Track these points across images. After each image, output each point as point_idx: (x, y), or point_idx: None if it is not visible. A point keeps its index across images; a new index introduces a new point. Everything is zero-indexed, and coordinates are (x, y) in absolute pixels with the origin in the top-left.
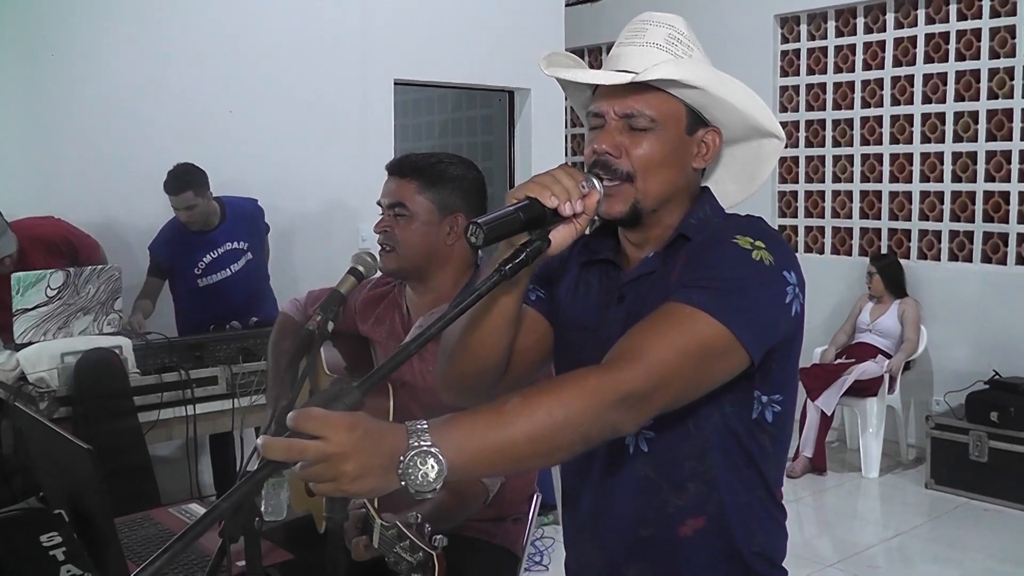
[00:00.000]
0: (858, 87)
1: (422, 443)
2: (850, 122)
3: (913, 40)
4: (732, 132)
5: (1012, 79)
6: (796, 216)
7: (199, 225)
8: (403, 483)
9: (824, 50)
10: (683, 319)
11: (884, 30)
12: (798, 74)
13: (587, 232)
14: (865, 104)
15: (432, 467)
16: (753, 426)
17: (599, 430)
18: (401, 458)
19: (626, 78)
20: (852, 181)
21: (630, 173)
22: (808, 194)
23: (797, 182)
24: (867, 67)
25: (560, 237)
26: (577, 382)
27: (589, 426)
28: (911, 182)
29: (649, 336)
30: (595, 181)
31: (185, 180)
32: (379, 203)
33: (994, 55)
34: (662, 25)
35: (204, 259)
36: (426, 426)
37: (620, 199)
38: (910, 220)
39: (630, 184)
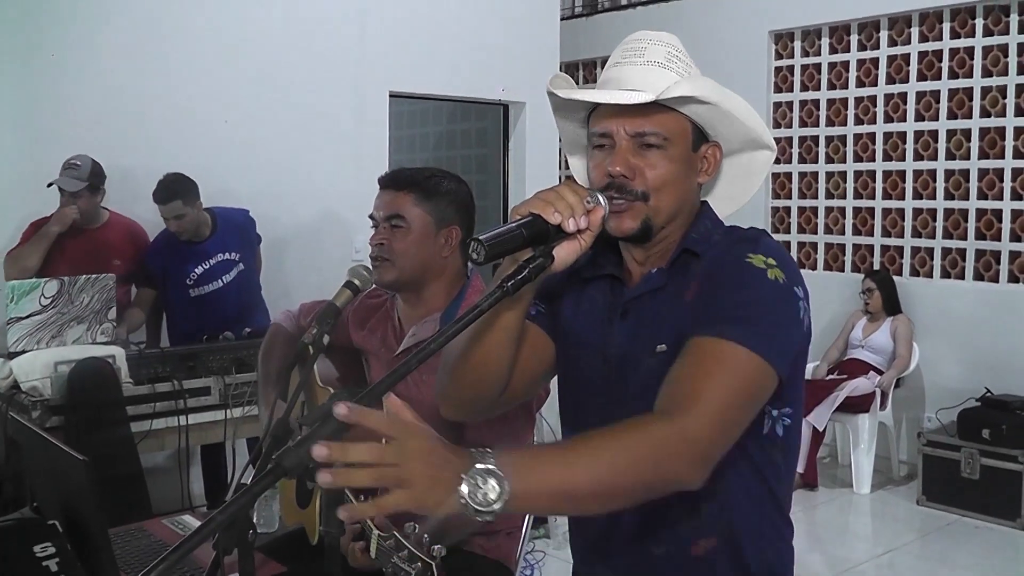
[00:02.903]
0: (851, 104)
1: (488, 463)
2: (843, 139)
3: (906, 58)
4: (729, 146)
5: (1004, 98)
6: (789, 232)
7: (189, 235)
8: (463, 501)
9: (818, 67)
10: (725, 358)
11: (877, 47)
12: (792, 90)
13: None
14: (858, 121)
15: (493, 488)
16: (764, 441)
17: (662, 480)
18: (463, 475)
19: (646, 97)
20: (845, 197)
21: (645, 193)
22: (801, 210)
23: (790, 198)
24: (860, 84)
25: (564, 253)
26: (643, 429)
27: (652, 476)
28: (904, 199)
29: (699, 381)
30: (600, 197)
31: (173, 190)
32: (371, 216)
33: (987, 73)
34: (660, 43)
35: (196, 270)
36: (491, 452)
37: (631, 216)
38: (903, 237)
39: (643, 203)
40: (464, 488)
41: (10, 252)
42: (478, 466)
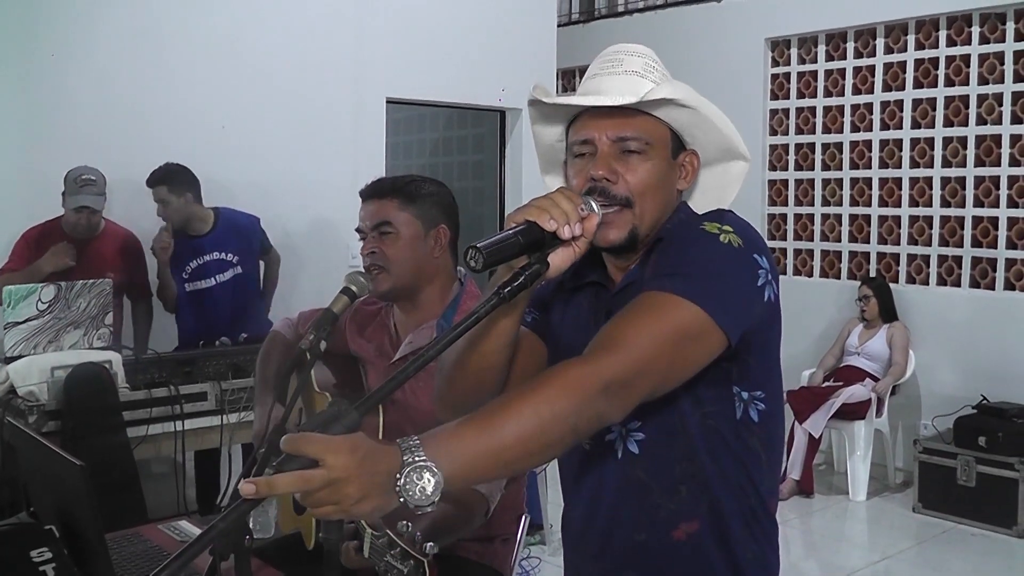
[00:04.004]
0: (848, 111)
1: (416, 458)
2: (839, 146)
3: (903, 65)
4: (705, 155)
5: (1000, 105)
6: (785, 239)
7: (176, 225)
8: (402, 499)
9: (814, 74)
10: (657, 305)
11: (874, 55)
12: (788, 97)
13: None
14: (855, 128)
15: (429, 481)
16: (739, 427)
17: (587, 421)
18: (397, 476)
19: (630, 99)
20: (841, 205)
21: (628, 198)
22: (797, 217)
23: (786, 205)
24: (857, 91)
25: (559, 260)
26: (559, 377)
27: (576, 419)
28: (900, 206)
29: (626, 324)
30: (593, 204)
31: (161, 175)
32: (358, 229)
33: (983, 81)
34: (637, 55)
35: (191, 264)
36: (418, 441)
37: (618, 226)
38: (899, 244)
39: (629, 210)
40: (400, 489)
41: (1, 274)
42: (408, 463)
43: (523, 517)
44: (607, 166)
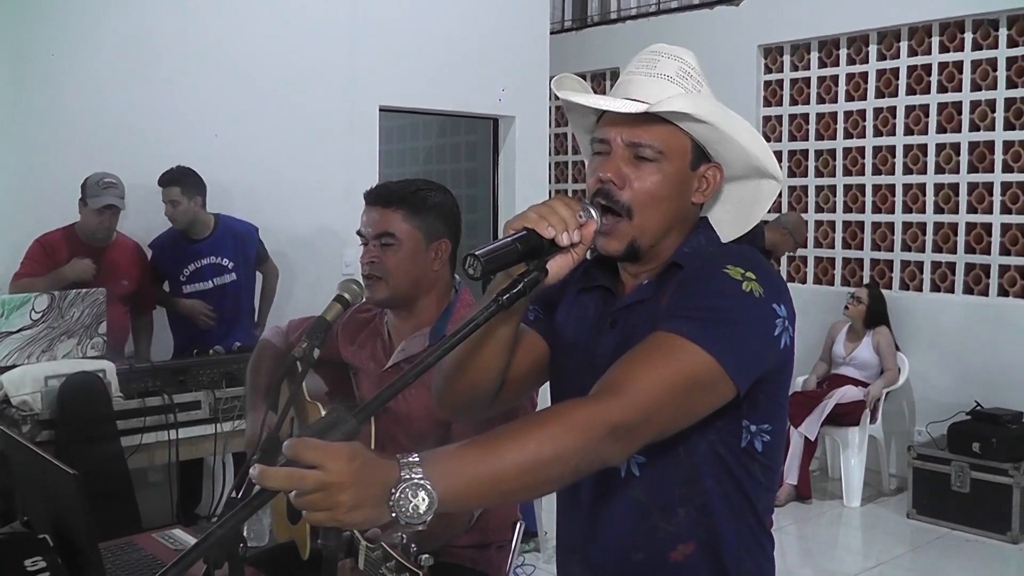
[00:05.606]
0: (841, 118)
1: (413, 476)
2: (833, 152)
3: (896, 72)
4: (732, 170)
5: (993, 111)
6: None
7: (182, 226)
8: (394, 515)
9: (807, 81)
10: (671, 350)
11: (867, 61)
12: (781, 104)
13: (587, 257)
14: (848, 135)
15: (423, 500)
16: (743, 455)
17: (588, 463)
18: (393, 490)
19: (640, 107)
20: (835, 211)
21: (629, 207)
22: None
23: (780, 212)
24: (850, 98)
25: (557, 267)
26: (566, 416)
27: (578, 460)
28: (893, 213)
29: (637, 367)
30: (592, 211)
31: (175, 176)
32: (359, 233)
33: (976, 87)
34: (673, 58)
35: (189, 267)
36: (418, 459)
37: (617, 237)
38: (892, 251)
39: (628, 221)
40: (393, 503)
41: (19, 280)
42: (405, 480)
43: (518, 524)
44: (616, 169)
